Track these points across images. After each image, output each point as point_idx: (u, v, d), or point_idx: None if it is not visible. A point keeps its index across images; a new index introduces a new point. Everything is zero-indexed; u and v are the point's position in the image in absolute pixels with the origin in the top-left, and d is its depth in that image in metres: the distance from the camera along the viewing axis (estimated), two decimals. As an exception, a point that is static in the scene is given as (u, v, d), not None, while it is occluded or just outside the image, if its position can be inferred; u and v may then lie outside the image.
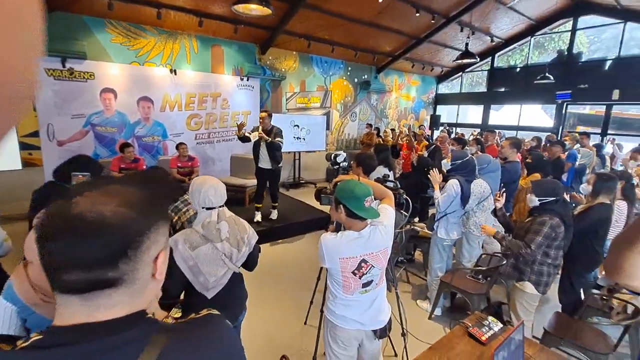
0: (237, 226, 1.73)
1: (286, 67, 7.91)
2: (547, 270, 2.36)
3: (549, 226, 2.28)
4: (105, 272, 0.49)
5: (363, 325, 1.65)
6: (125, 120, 5.82)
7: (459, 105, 11.80)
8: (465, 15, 7.71)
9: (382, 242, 1.61)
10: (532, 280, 2.36)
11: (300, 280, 3.60)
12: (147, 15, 5.52)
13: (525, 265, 2.39)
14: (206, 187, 1.64)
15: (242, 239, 1.72)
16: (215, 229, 1.62)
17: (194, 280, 1.60)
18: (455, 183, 2.92)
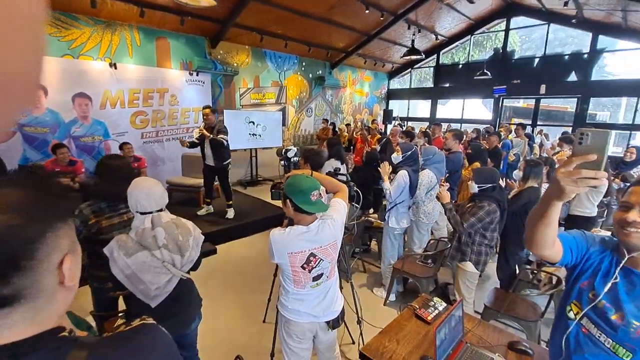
0: (179, 230, 1.63)
1: (238, 62, 7.71)
2: (485, 250, 2.60)
3: (484, 211, 2.49)
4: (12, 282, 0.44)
5: (316, 318, 1.68)
6: (58, 119, 5.30)
7: (409, 100, 12.33)
8: (411, 14, 8.05)
9: (331, 236, 1.63)
10: (473, 260, 2.58)
11: (258, 279, 3.58)
12: (80, 3, 5.06)
13: (467, 247, 2.59)
14: (137, 190, 1.56)
15: (185, 243, 1.62)
16: (150, 237, 1.53)
17: (134, 290, 1.52)
18: (404, 174, 3.07)
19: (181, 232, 1.63)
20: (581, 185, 0.86)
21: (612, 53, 8.72)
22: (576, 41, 9.79)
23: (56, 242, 0.50)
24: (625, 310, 0.99)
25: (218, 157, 4.68)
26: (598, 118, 10.77)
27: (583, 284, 1.12)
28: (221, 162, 4.74)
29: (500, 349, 1.58)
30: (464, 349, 1.56)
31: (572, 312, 1.13)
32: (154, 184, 1.62)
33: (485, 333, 1.71)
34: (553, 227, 0.99)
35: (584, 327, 1.09)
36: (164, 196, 1.65)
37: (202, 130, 4.56)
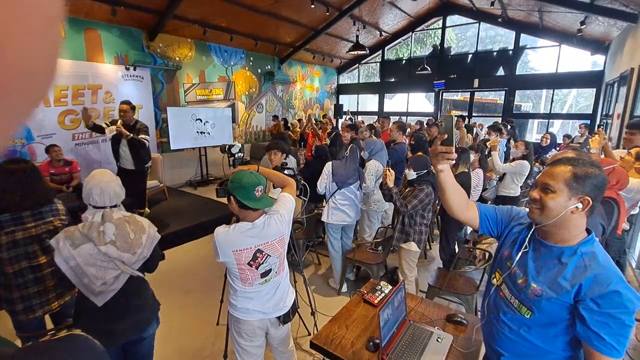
0: (131, 227, 1.57)
1: (181, 56, 7.32)
2: (425, 230, 2.82)
3: (424, 193, 2.68)
4: None
5: (266, 315, 1.67)
6: (-33, 120, 4.64)
7: (358, 95, 12.66)
8: (356, 10, 8.24)
9: (278, 231, 1.63)
10: (416, 239, 2.76)
11: (211, 281, 3.48)
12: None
13: (410, 228, 2.77)
14: (92, 183, 1.50)
15: (137, 240, 1.56)
16: (96, 231, 1.45)
17: (78, 283, 1.43)
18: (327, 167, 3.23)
19: (134, 230, 1.57)
20: (441, 160, 1.15)
21: (533, 50, 9.72)
22: (503, 39, 10.76)
23: None
24: (528, 275, 1.14)
25: (138, 159, 4.28)
26: (523, 109, 11.99)
27: (505, 254, 1.26)
28: (142, 164, 4.35)
29: (439, 322, 1.72)
30: (407, 326, 1.67)
31: (495, 279, 1.28)
32: (110, 180, 1.56)
33: (426, 310, 1.84)
34: (450, 193, 1.26)
35: (501, 292, 1.25)
36: (119, 193, 1.58)
37: (120, 128, 4.08)
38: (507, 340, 1.20)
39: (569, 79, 8.67)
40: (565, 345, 1.10)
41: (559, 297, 1.05)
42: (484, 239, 3.48)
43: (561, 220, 1.06)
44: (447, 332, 1.65)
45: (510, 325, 1.18)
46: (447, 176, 1.22)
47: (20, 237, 1.78)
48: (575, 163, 1.06)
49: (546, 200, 1.07)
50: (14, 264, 1.78)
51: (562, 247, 1.09)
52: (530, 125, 11.61)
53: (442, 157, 1.14)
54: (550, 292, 1.06)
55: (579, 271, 1.04)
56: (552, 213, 1.06)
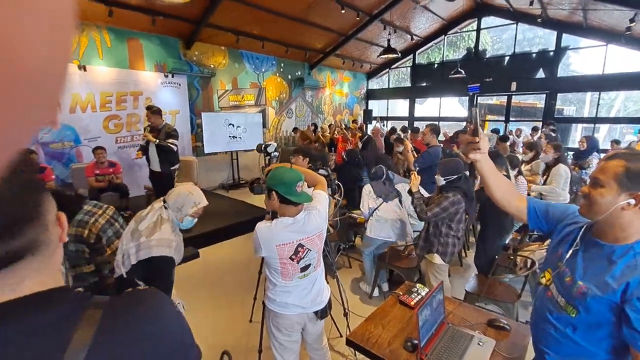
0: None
1: (215, 63, 7.61)
2: (452, 242, 2.62)
3: (449, 201, 2.54)
4: (18, 241, 0.43)
5: (304, 309, 1.68)
6: (25, 124, 5.05)
7: (388, 100, 12.53)
8: (386, 14, 8.20)
9: (317, 226, 1.65)
10: (440, 251, 2.62)
11: (243, 280, 3.52)
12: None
13: (434, 238, 2.64)
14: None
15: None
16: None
17: (178, 257, 1.66)
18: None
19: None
20: (470, 150, 1.16)
21: (576, 51, 9.18)
22: (542, 40, 10.27)
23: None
24: (575, 273, 1.09)
25: (164, 162, 4.41)
26: (565, 113, 11.31)
27: (557, 253, 1.18)
28: (167, 167, 4.48)
29: (480, 327, 1.62)
30: (446, 329, 1.59)
31: (544, 278, 1.22)
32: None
33: (466, 314, 1.74)
34: (491, 183, 1.25)
35: (549, 291, 1.20)
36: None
37: (147, 136, 4.29)
38: (553, 340, 1.17)
39: (616, 80, 8.09)
40: (611, 348, 1.05)
41: (605, 296, 1.00)
42: (525, 246, 3.27)
43: (612, 217, 1.01)
44: (488, 337, 1.55)
45: (556, 324, 1.15)
46: (484, 166, 1.20)
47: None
48: (629, 158, 0.99)
49: (594, 195, 1.02)
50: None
51: (615, 245, 1.04)
52: (574, 130, 10.92)
53: (470, 147, 1.16)
54: (596, 290, 1.02)
55: (628, 270, 0.98)
56: (600, 209, 1.01)
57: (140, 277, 1.57)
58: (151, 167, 4.52)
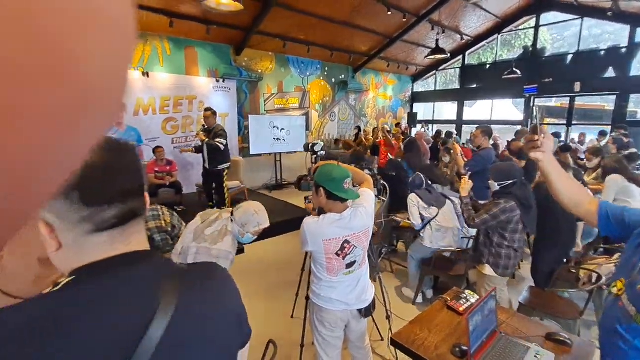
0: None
1: (263, 68, 7.91)
2: (506, 253, 2.43)
3: (500, 209, 2.37)
4: (134, 202, 0.54)
5: (348, 306, 1.68)
6: (97, 125, 5.63)
7: (434, 103, 12.11)
8: (434, 14, 7.96)
9: (364, 223, 1.65)
10: (490, 262, 2.45)
11: (285, 277, 3.60)
12: (117, 17, 5.39)
13: (484, 247, 2.48)
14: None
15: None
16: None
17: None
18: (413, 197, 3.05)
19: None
20: (530, 149, 1.14)
21: (654, 46, 8.19)
22: (612, 37, 9.33)
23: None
24: None
25: (212, 160, 4.65)
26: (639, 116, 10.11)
27: (632, 262, 1.08)
28: (215, 166, 4.71)
29: (536, 339, 1.50)
30: (498, 338, 1.50)
31: (616, 288, 1.12)
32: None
33: (520, 325, 1.63)
34: (556, 184, 1.18)
35: (620, 301, 1.10)
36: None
37: (199, 135, 4.60)
38: (621, 352, 1.07)
39: None
40: None
41: None
42: (590, 260, 2.97)
43: None
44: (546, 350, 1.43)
45: (625, 336, 1.06)
46: (548, 166, 1.15)
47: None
48: None
49: None
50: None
51: None
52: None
53: (531, 146, 1.13)
54: None
55: None
56: None
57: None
58: (205, 165, 4.84)
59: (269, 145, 7.57)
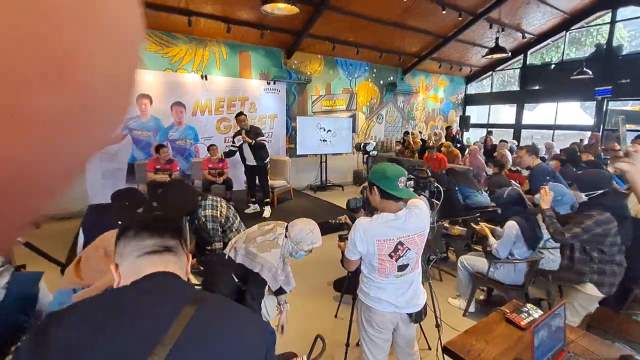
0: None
1: (311, 71, 8.03)
2: (610, 270, 2.19)
3: (594, 221, 2.13)
4: (171, 242, 0.77)
5: (398, 308, 1.62)
6: (159, 124, 6.13)
7: (490, 106, 11.42)
8: (493, 12, 7.51)
9: (419, 225, 1.60)
10: (594, 280, 2.20)
11: (328, 277, 3.59)
12: (178, 24, 5.83)
13: (584, 265, 2.24)
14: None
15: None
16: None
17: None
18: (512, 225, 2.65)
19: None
20: (616, 162, 1.09)
21: None
22: None
23: (185, 228, 0.76)
24: None
25: (259, 157, 4.94)
26: None
27: None
28: (262, 161, 5.00)
29: (614, 364, 1.33)
30: (566, 357, 1.35)
31: None
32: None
33: (591, 345, 1.45)
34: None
35: None
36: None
37: (245, 137, 4.82)
38: None
39: None
40: None
41: None
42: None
43: None
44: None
45: None
46: (634, 176, 1.05)
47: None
48: None
49: None
50: None
51: None
52: None
53: (616, 159, 0.99)
54: None
55: None
56: None
57: (236, 273, 1.73)
58: (247, 163, 5.07)
59: (315, 147, 7.66)
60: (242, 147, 4.94)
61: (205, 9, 5.75)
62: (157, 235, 0.76)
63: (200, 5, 5.64)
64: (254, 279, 1.70)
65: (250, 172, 5.16)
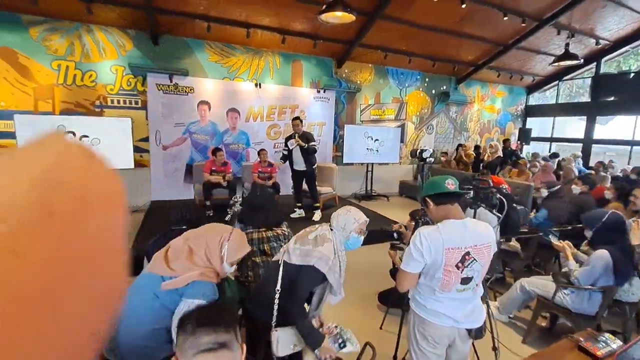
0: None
1: (361, 79, 8.04)
2: None
3: None
4: (225, 338, 0.85)
5: (457, 323, 1.51)
6: (216, 129, 6.51)
7: (554, 118, 10.51)
8: (562, 17, 6.96)
9: (486, 235, 1.51)
10: None
11: (378, 286, 3.49)
12: (238, 36, 6.19)
13: None
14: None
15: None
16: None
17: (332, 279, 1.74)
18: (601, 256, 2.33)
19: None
20: None
21: None
22: None
23: (237, 335, 0.91)
24: None
25: (308, 162, 5.02)
26: None
27: None
28: (311, 166, 5.07)
29: None
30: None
31: None
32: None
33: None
34: None
35: None
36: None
37: (298, 141, 4.91)
38: None
39: None
40: None
41: None
42: None
43: None
44: None
45: None
46: None
47: (256, 237, 2.27)
48: None
49: None
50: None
51: None
52: None
53: None
54: None
55: None
56: None
57: (287, 276, 1.72)
58: (295, 168, 5.17)
59: (362, 155, 7.59)
60: (292, 151, 5.05)
61: (263, 21, 6.05)
62: (212, 331, 0.84)
63: (259, 17, 5.95)
64: (303, 277, 1.68)
65: (298, 177, 5.24)
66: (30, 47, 5.22)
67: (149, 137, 5.99)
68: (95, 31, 5.54)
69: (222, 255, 1.55)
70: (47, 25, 5.26)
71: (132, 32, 5.74)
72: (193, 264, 1.48)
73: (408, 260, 1.49)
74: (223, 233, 1.59)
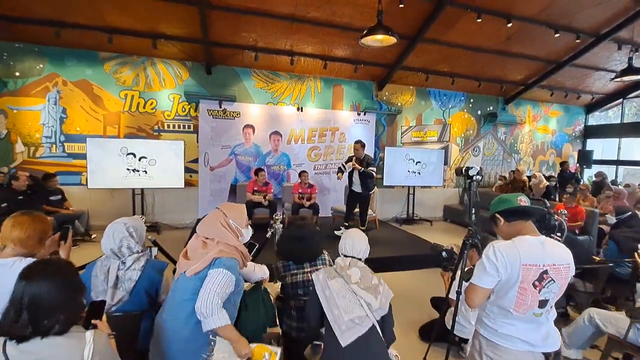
0: (372, 275, 1.80)
1: (402, 102, 8.00)
2: None
3: None
4: None
5: (533, 347, 1.39)
6: (259, 151, 6.79)
7: (620, 139, 9.57)
8: (622, 30, 6.47)
9: (563, 256, 1.40)
10: None
11: (413, 315, 3.29)
12: (283, 63, 6.53)
13: None
14: (347, 238, 1.92)
15: (377, 287, 1.74)
16: (346, 273, 1.75)
17: (328, 312, 1.64)
18: None
19: (374, 278, 1.79)
20: None
21: None
22: None
23: None
24: None
25: (366, 186, 5.08)
26: None
27: None
28: (368, 191, 5.12)
29: None
30: None
31: None
32: (360, 238, 1.92)
33: None
34: None
35: None
36: (364, 250, 1.92)
37: (355, 165, 5.00)
38: None
39: None
40: None
41: None
42: None
43: None
44: None
45: None
46: None
47: (300, 280, 2.15)
48: None
49: None
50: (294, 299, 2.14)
51: None
52: None
53: None
54: None
55: None
56: None
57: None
58: (353, 188, 5.27)
59: (403, 178, 7.43)
60: (353, 172, 5.19)
61: (306, 49, 6.34)
62: None
63: (303, 46, 6.26)
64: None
65: (353, 198, 5.33)
66: (104, 79, 5.94)
67: (199, 158, 6.39)
68: (157, 64, 6.18)
69: (234, 230, 1.68)
70: (118, 60, 5.98)
71: (189, 63, 6.32)
72: (209, 251, 1.61)
73: (481, 275, 1.41)
74: (218, 216, 1.70)
